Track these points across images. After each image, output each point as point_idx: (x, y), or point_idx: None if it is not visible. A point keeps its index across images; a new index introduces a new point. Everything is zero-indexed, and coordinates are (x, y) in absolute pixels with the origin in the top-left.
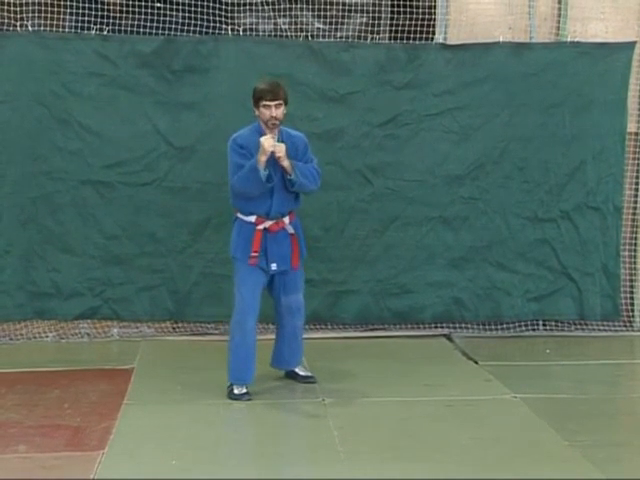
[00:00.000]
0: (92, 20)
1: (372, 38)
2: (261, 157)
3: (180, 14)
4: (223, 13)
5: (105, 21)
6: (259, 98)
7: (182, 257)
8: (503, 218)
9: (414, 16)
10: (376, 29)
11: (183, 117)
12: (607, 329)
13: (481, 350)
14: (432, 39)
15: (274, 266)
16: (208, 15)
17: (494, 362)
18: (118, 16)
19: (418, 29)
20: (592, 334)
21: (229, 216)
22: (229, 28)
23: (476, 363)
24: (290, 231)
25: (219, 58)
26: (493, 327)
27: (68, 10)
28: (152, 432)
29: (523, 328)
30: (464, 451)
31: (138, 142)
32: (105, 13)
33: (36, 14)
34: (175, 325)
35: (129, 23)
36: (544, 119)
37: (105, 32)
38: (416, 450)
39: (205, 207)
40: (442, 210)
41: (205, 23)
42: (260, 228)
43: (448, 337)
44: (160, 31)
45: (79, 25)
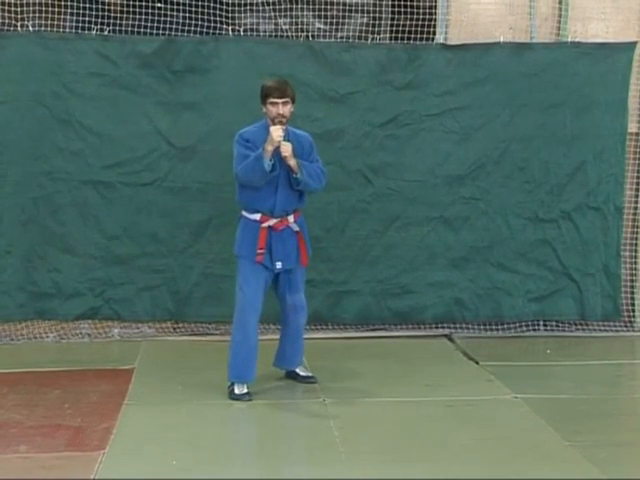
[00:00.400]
0: (93, 20)
1: (373, 38)
2: (268, 147)
3: (181, 14)
4: (224, 13)
5: (106, 21)
6: (266, 95)
7: (183, 257)
8: (504, 218)
9: (415, 16)
10: (377, 29)
11: (184, 117)
12: (608, 329)
13: (482, 350)
14: (433, 39)
15: (279, 265)
16: (209, 15)
17: (495, 362)
18: (119, 16)
19: (419, 29)
20: (593, 334)
21: (230, 216)
22: (230, 28)
23: (477, 363)
24: (295, 229)
25: (220, 58)
26: (494, 327)
27: (69, 10)
28: (153, 432)
29: (524, 328)
30: (465, 451)
31: (139, 142)
32: (106, 13)
33: (37, 14)
34: (176, 325)
35: (130, 23)
36: (545, 119)
37: (106, 32)
38: (417, 450)
39: (206, 207)
40: (443, 210)
41: (206, 23)
42: (265, 226)
43: (449, 337)
44: (161, 31)
45: (80, 25)
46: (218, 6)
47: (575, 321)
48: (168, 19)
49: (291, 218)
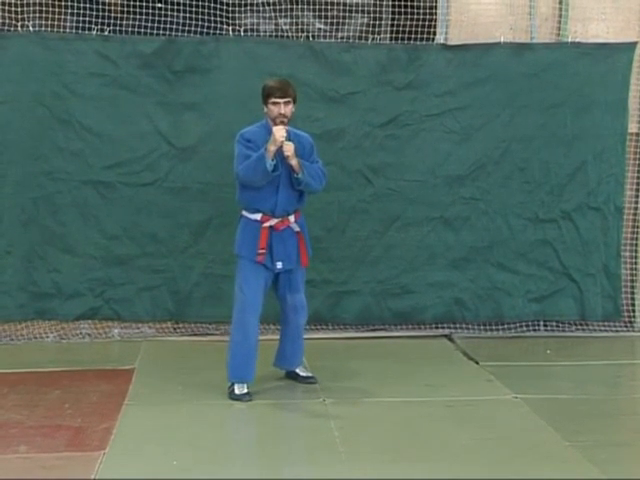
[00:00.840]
0: (93, 20)
1: (373, 38)
2: (271, 147)
3: (181, 14)
4: (224, 13)
5: (106, 21)
6: (268, 95)
7: (183, 257)
8: (504, 218)
9: (415, 16)
10: (377, 29)
11: (184, 117)
12: (608, 329)
13: (482, 350)
14: (433, 39)
15: (279, 265)
16: (209, 15)
17: (495, 362)
18: (119, 16)
19: (419, 29)
20: (593, 334)
21: (230, 216)
22: (230, 28)
23: (477, 363)
24: (296, 229)
25: (220, 58)
26: (494, 327)
27: (69, 10)
28: (153, 432)
29: (524, 328)
30: (465, 451)
31: (139, 142)
32: (106, 13)
33: (37, 14)
34: (176, 325)
35: (130, 23)
36: (545, 119)
37: (106, 32)
38: (417, 450)
39: (206, 207)
40: (443, 210)
41: (206, 23)
42: (266, 226)
43: (449, 337)
44: (161, 31)
45: (80, 25)
46: (218, 6)
47: (575, 321)
48: (168, 19)
49: (292, 218)
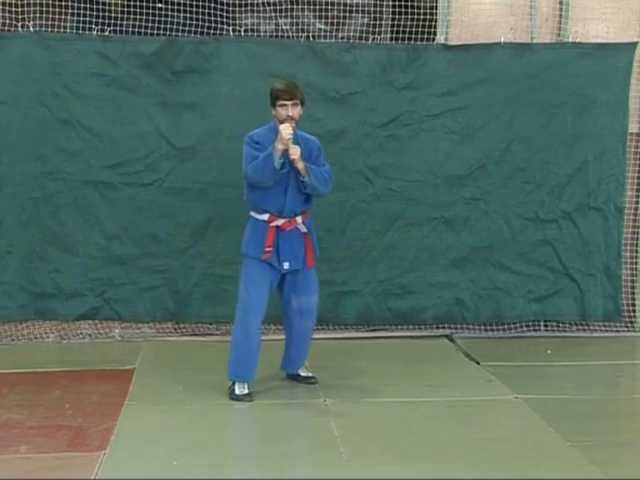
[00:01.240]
0: (93, 21)
1: (373, 39)
2: (278, 145)
3: (181, 15)
4: (224, 14)
5: (106, 22)
6: (276, 97)
7: (183, 258)
8: (504, 219)
9: (415, 17)
10: (377, 30)
11: (184, 118)
12: (608, 330)
13: (482, 351)
14: (433, 40)
15: (286, 265)
16: (209, 16)
17: (495, 363)
18: (119, 17)
19: (419, 30)
20: (593, 335)
21: (230, 217)
22: (230, 29)
23: (477, 364)
24: (303, 230)
25: (220, 59)
26: (494, 328)
27: (69, 11)
28: (153, 432)
29: (524, 329)
30: (466, 451)
31: (139, 143)
32: (106, 14)
33: (37, 15)
34: (176, 326)
35: (130, 24)
36: (545, 120)
37: (106, 33)
38: (417, 450)
39: (206, 208)
40: (443, 211)
41: (206, 24)
42: (273, 225)
43: (449, 338)
44: (161, 32)
45: (80, 26)
46: (218, 6)
47: (576, 321)
48: (169, 19)
49: (299, 219)
